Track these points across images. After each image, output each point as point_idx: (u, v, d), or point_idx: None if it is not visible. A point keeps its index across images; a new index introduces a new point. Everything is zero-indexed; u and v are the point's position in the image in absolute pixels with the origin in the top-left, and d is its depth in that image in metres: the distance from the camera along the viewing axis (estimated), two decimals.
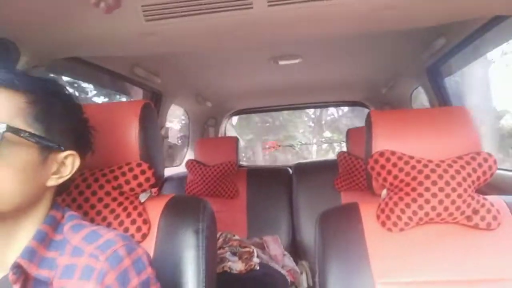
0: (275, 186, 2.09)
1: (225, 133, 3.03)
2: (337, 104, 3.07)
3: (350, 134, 2.09)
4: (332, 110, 7.35)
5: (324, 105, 3.11)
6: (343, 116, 7.40)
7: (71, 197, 0.84)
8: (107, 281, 0.53)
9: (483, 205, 0.85)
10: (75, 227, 0.60)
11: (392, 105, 2.45)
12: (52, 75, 1.26)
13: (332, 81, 2.21)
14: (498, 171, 1.11)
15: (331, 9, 0.94)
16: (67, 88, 0.65)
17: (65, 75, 1.42)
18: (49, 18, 0.91)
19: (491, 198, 0.89)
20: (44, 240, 0.57)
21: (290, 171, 2.20)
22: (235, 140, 2.14)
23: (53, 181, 0.60)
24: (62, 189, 0.66)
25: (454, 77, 1.91)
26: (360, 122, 4.54)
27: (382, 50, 1.70)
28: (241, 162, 2.40)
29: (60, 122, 0.61)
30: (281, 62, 1.72)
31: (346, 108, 6.70)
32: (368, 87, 2.40)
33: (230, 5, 0.91)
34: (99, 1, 0.83)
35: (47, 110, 0.58)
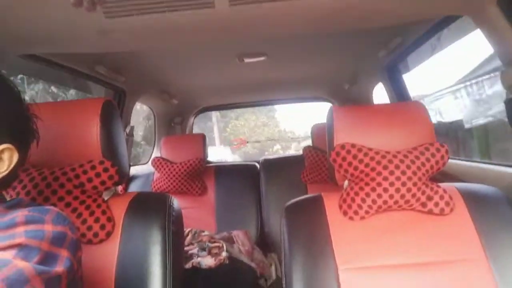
0: (243, 181, 2.11)
1: (192, 130, 3.01)
2: (302, 100, 3.12)
3: (315, 129, 2.15)
4: None
5: (290, 101, 3.16)
6: None
7: (31, 197, 0.81)
8: None
9: (436, 192, 0.90)
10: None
11: (354, 101, 2.53)
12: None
13: (296, 78, 2.25)
14: (451, 160, 1.18)
15: (292, 9, 0.96)
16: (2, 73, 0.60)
17: (21, 73, 1.35)
18: (3, 13, 0.88)
19: (444, 185, 0.94)
20: None
21: (258, 166, 2.22)
22: (202, 137, 2.13)
23: None
24: (4, 185, 0.61)
25: None
26: None
27: (344, 49, 1.75)
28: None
29: None
30: (247, 60, 1.73)
31: None
32: (332, 84, 2.47)
33: (191, 4, 0.90)
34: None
35: None
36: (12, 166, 0.57)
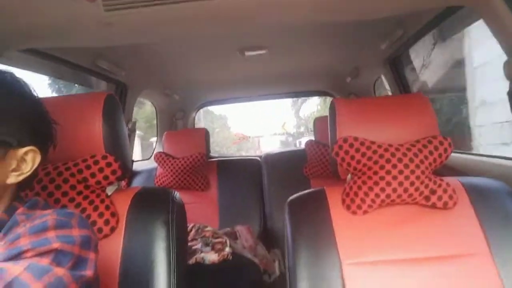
0: (245, 176, 2.11)
1: (194, 125, 3.00)
2: (304, 93, 3.11)
3: (317, 123, 2.14)
4: None
5: (291, 95, 3.14)
6: None
7: (34, 192, 0.81)
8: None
9: (439, 186, 0.89)
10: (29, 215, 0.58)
11: (356, 94, 2.52)
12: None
13: (298, 71, 2.24)
14: (454, 154, 1.17)
15: None
16: (22, 79, 0.62)
17: (20, 68, 1.34)
18: (2, 7, 0.87)
19: (447, 179, 0.94)
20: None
21: (260, 161, 2.22)
22: (204, 131, 2.13)
23: (13, 179, 0.58)
24: (24, 185, 0.64)
25: None
26: None
27: (345, 42, 1.74)
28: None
29: (17, 117, 0.58)
30: (248, 53, 1.72)
31: None
32: (333, 77, 2.45)
33: None
34: None
35: (1, 104, 0.56)
36: (34, 167, 0.60)
